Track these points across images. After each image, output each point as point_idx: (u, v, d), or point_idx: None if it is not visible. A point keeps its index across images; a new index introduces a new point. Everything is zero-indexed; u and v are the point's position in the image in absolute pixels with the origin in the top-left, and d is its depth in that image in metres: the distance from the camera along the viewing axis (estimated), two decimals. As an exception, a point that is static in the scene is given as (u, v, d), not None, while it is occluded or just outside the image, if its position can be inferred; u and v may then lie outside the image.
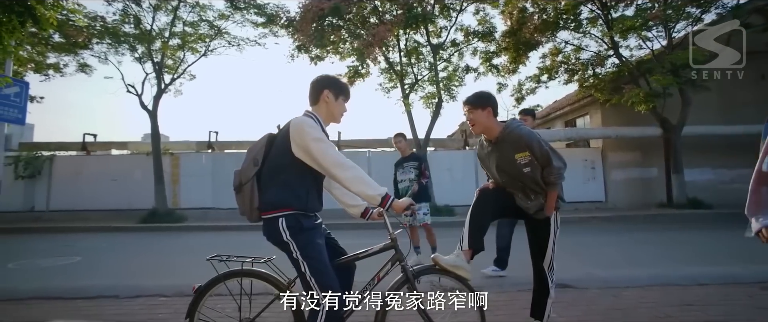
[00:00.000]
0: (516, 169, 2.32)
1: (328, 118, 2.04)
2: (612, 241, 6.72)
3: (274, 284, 2.03)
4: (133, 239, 8.30)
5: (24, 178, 11.66)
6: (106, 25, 11.30)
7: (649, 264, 4.54)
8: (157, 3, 11.39)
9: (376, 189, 1.80)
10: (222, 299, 2.11)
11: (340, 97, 2.03)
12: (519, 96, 14.09)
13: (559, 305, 3.04)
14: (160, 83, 11.48)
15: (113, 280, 3.96)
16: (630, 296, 3.25)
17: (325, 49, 12.34)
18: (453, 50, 12.45)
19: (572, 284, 3.54)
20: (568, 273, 3.84)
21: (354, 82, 12.58)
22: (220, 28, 11.82)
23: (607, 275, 3.83)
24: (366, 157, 13.13)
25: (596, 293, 3.35)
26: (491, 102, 2.37)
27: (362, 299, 2.01)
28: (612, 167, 12.78)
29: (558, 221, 2.46)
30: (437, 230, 4.72)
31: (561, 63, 13.29)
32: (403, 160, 4.93)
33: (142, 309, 3.08)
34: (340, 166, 1.79)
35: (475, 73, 12.66)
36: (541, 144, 2.30)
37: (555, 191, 2.38)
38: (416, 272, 2.08)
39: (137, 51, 11.59)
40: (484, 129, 2.37)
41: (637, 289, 3.43)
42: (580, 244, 6.42)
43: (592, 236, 7.25)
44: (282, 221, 1.82)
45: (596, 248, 5.99)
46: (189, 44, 11.84)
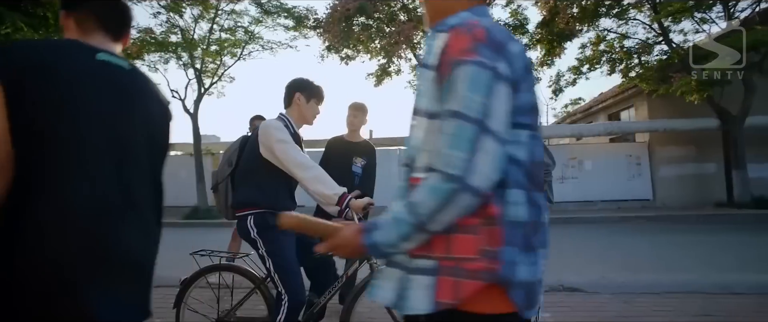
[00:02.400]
0: None
1: (300, 120, 2.11)
2: (649, 242, 6.22)
3: (250, 278, 2.13)
4: (173, 234, 8.95)
5: (88, 177, 12.97)
6: (155, 36, 12.28)
7: (681, 269, 4.16)
8: (199, 13, 12.18)
9: (333, 189, 1.83)
10: (208, 291, 2.25)
11: (311, 99, 2.09)
12: (556, 88, 13.44)
13: (560, 309, 2.91)
14: (200, 87, 12.27)
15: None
16: (643, 304, 3.02)
17: (356, 49, 12.51)
18: (483, 44, 12.14)
19: (581, 288, 3.35)
20: (580, 276, 3.64)
21: (383, 80, 12.66)
22: (253, 33, 12.41)
23: (624, 279, 3.57)
24: (396, 155, 13.15)
25: (606, 299, 3.14)
26: None
27: (330, 296, 2.06)
28: (660, 163, 11.79)
29: None
30: None
31: (603, 52, 12.47)
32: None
33: (161, 298, 3.34)
34: (299, 166, 1.84)
35: (506, 67, 12.25)
36: None
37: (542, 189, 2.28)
38: (384, 271, 2.08)
39: (181, 58, 12.47)
40: None
41: (655, 296, 3.17)
42: (608, 245, 6.04)
43: (627, 237, 6.76)
44: (250, 219, 1.91)
45: (624, 250, 5.58)
46: (227, 49, 12.55)
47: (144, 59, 12.39)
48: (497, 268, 0.67)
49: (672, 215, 9.69)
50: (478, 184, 0.65)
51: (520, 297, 0.69)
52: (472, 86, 0.66)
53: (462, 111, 0.66)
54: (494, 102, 0.67)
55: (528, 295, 0.70)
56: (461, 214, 0.67)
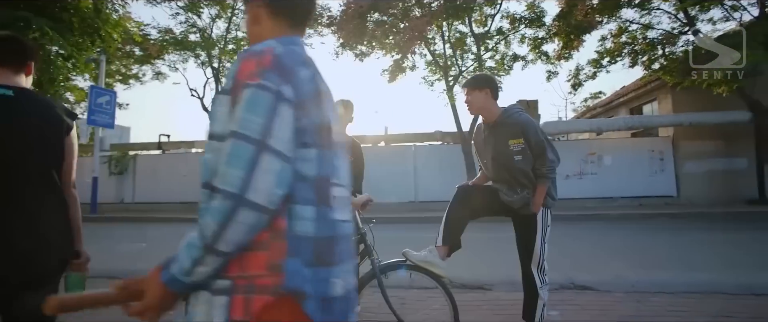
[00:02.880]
0: (507, 156, 2.23)
1: None
2: (669, 240, 6.01)
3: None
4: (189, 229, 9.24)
5: (115, 174, 13.51)
6: (175, 36, 12.64)
7: (702, 269, 4.01)
8: (217, 12, 12.46)
9: None
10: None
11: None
12: (575, 82, 13.11)
13: (569, 308, 2.87)
14: (217, 86, 12.55)
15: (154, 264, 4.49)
16: (657, 303, 2.93)
17: (370, 45, 12.52)
18: (499, 38, 11.92)
19: (593, 287, 3.28)
20: (592, 275, 3.57)
21: (397, 77, 12.63)
22: (270, 31, 12.59)
23: (638, 278, 3.47)
24: (411, 152, 13.11)
25: (618, 298, 3.06)
26: (490, 84, 2.32)
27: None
28: (685, 158, 11.35)
29: (548, 219, 2.31)
30: (484, 223, 4.51)
31: (625, 44, 12.07)
32: None
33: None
34: None
35: (523, 61, 11.99)
36: (537, 132, 2.22)
37: (544, 185, 2.24)
38: (384, 267, 2.09)
39: (200, 57, 12.79)
40: (481, 110, 2.32)
41: (670, 295, 3.07)
42: (626, 243, 5.88)
43: (647, 235, 6.56)
44: None
45: (643, 248, 5.42)
46: (243, 48, 12.82)
47: (164, 59, 12.80)
48: (281, 281, 0.68)
49: (697, 212, 9.33)
50: (259, 200, 0.66)
51: (313, 310, 0.69)
52: (252, 108, 0.69)
53: (240, 131, 0.68)
54: (275, 122, 0.69)
55: (325, 308, 0.71)
56: (249, 231, 0.67)
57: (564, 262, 4.56)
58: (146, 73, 13.90)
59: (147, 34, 11.88)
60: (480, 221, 2.58)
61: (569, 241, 6.24)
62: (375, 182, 12.00)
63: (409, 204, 11.61)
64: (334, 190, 0.78)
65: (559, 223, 8.25)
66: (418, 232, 2.28)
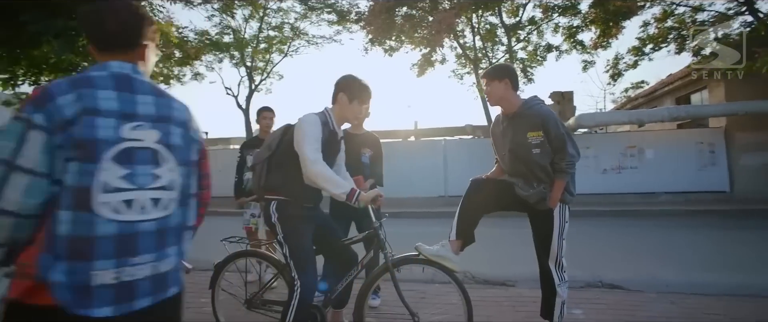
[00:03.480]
0: (525, 149, 2.17)
1: (340, 119, 2.14)
2: (716, 239, 5.60)
3: (274, 264, 2.28)
4: (226, 222, 9.67)
5: (158, 170, 14.38)
6: (210, 37, 13.19)
7: (749, 270, 3.71)
8: (249, 13, 12.88)
9: (341, 188, 1.88)
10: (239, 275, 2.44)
11: (354, 100, 2.09)
12: (614, 72, 12.42)
13: (594, 306, 2.77)
14: (250, 84, 13.00)
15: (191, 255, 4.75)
16: (692, 305, 2.76)
17: (399, 39, 12.47)
18: (531, 28, 11.48)
19: (622, 286, 3.13)
20: (622, 273, 3.41)
21: (426, 71, 12.51)
22: (299, 29, 12.86)
23: (674, 278, 3.27)
24: (441, 146, 12.97)
25: (649, 298, 2.91)
26: (509, 74, 2.26)
27: (346, 283, 2.14)
28: (740, 151, 10.45)
29: (566, 215, 2.23)
30: (513, 219, 4.41)
31: (670, 29, 11.26)
32: (261, 142, 3.32)
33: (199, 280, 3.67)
34: (312, 162, 1.89)
35: (557, 51, 11.48)
36: (558, 125, 2.15)
37: (563, 180, 2.17)
38: (396, 260, 2.11)
39: (234, 57, 13.29)
40: (500, 101, 2.27)
41: (708, 297, 2.88)
42: (665, 241, 5.55)
43: (691, 232, 6.14)
44: (273, 205, 2.01)
45: (684, 247, 5.09)
46: (275, 46, 13.16)
47: (201, 59, 13.40)
48: (35, 272, 0.88)
49: (752, 208, 8.59)
50: (9, 208, 0.85)
51: (61, 295, 0.87)
52: (5, 135, 0.87)
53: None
54: (25, 145, 0.86)
55: (82, 295, 0.88)
56: (6, 230, 0.86)
57: (593, 259, 4.39)
58: (186, 74, 14.63)
59: (185, 37, 12.48)
60: (504, 216, 2.54)
61: (601, 238, 5.99)
62: (405, 177, 12.06)
63: (438, 198, 11.51)
64: (103, 196, 0.91)
65: (592, 219, 7.96)
66: (448, 227, 2.28)
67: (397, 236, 2.36)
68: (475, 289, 3.26)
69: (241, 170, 3.50)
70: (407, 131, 15.56)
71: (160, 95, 1.04)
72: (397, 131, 15.44)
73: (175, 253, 1.05)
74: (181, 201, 1.05)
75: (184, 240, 1.09)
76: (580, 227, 6.98)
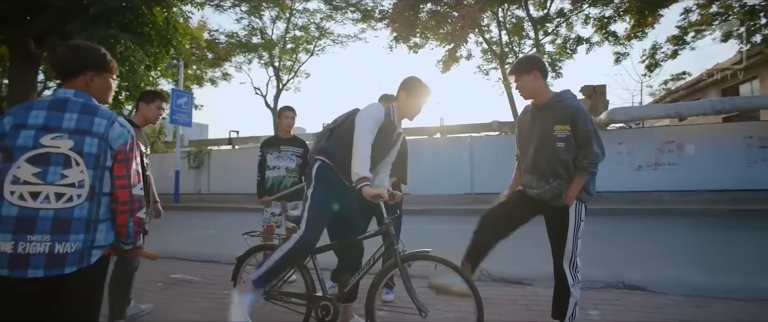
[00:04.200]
0: (550, 142, 2.15)
1: (401, 114, 2.32)
2: (758, 241, 5.24)
3: (290, 259, 2.39)
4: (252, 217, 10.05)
5: (193, 168, 15.10)
6: (240, 39, 13.69)
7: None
8: (276, 14, 13.25)
9: (360, 171, 2.00)
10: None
11: (413, 97, 2.27)
12: (651, 63, 11.79)
13: (612, 307, 2.71)
14: (278, 84, 13.38)
15: (219, 249, 5.01)
16: (720, 309, 2.63)
17: (425, 36, 12.42)
18: (560, 21, 11.09)
19: (645, 287, 3.03)
20: (647, 274, 3.30)
21: (450, 67, 12.39)
22: (325, 29, 13.09)
23: (703, 281, 3.12)
24: (467, 142, 12.82)
25: (673, 300, 2.80)
26: (536, 64, 2.25)
27: (358, 278, 2.22)
28: (794, 146, 9.67)
29: (582, 214, 2.19)
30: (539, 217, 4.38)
31: (716, 15, 10.56)
32: (281, 141, 3.60)
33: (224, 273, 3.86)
34: (357, 140, 2.06)
35: (587, 43, 11.02)
36: (587, 121, 2.12)
37: (582, 178, 2.14)
38: (406, 256, 2.15)
39: (263, 58, 13.73)
40: (534, 94, 2.25)
41: (739, 302, 2.74)
42: (700, 241, 5.27)
43: (732, 233, 5.78)
44: (317, 164, 2.23)
45: (719, 248, 4.81)
46: (301, 45, 13.48)
47: (231, 61, 13.96)
48: None
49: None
50: None
51: None
52: None
53: None
54: None
55: None
56: None
57: (617, 259, 4.25)
58: (217, 75, 15.28)
59: (216, 39, 13.02)
60: None
61: (629, 237, 5.77)
62: (430, 174, 12.03)
63: (465, 196, 11.41)
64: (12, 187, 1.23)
65: (623, 217, 7.65)
66: (474, 225, 2.32)
67: (423, 234, 2.41)
68: (491, 287, 3.26)
69: (262, 168, 3.59)
70: (433, 128, 15.45)
71: (85, 113, 1.36)
72: (422, 128, 15.37)
73: (81, 239, 1.29)
74: (89, 197, 1.31)
75: (96, 230, 1.34)
76: (608, 226, 6.75)
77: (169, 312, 2.83)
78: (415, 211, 9.60)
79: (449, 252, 2.18)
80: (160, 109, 2.79)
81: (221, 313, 2.78)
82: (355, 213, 2.33)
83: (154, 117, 2.77)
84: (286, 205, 3.52)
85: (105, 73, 1.52)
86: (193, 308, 2.90)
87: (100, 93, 1.51)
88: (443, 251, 2.15)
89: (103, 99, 1.54)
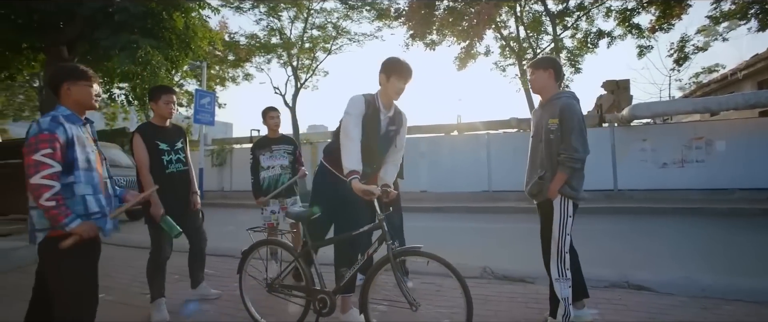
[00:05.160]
0: (545, 136, 2.29)
1: (385, 97, 2.39)
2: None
3: (289, 252, 2.50)
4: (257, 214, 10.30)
5: (216, 165, 15.63)
6: (259, 40, 14.01)
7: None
8: (295, 14, 13.48)
9: (349, 165, 2.11)
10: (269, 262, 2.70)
11: (391, 77, 2.33)
12: (680, 56, 11.28)
13: (612, 307, 2.69)
14: (296, 82, 13.62)
15: (235, 244, 5.19)
16: (728, 311, 2.56)
17: (442, 33, 12.34)
18: (580, 14, 10.76)
19: (651, 287, 2.97)
20: (655, 275, 3.23)
21: (466, 64, 12.27)
22: (342, 28, 13.22)
23: (715, 283, 3.01)
24: (485, 140, 12.70)
25: (679, 302, 2.74)
26: (554, 65, 2.39)
27: (351, 273, 2.29)
28: (836, 142, 9.06)
29: (568, 209, 2.21)
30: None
31: (752, 3, 9.99)
32: (271, 141, 3.69)
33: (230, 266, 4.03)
34: (344, 136, 2.20)
35: (609, 37, 10.64)
36: (572, 117, 2.21)
37: (562, 172, 2.19)
38: (398, 251, 2.20)
39: (282, 57, 14.00)
40: (541, 90, 2.40)
41: (751, 305, 2.65)
42: (721, 242, 5.07)
43: (759, 234, 5.51)
44: (317, 169, 2.50)
45: (742, 249, 4.62)
46: (319, 45, 13.66)
47: (252, 61, 14.30)
48: None
49: None
50: None
51: None
52: None
53: None
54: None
55: None
56: None
57: (627, 259, 4.17)
58: (239, 76, 15.71)
59: (237, 41, 13.38)
60: (529, 211, 2.54)
61: (643, 236, 5.62)
62: (448, 172, 12.01)
63: (482, 194, 11.32)
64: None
65: (643, 216, 7.40)
66: (491, 222, 2.38)
67: (440, 231, 2.46)
68: (493, 284, 3.27)
69: (255, 170, 3.63)
70: (450, 126, 15.37)
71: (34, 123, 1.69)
72: (439, 126, 15.32)
73: (31, 222, 1.78)
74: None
75: (32, 216, 1.78)
76: (626, 225, 6.57)
77: (182, 303, 3.00)
78: (432, 209, 9.62)
79: (468, 250, 2.22)
80: (169, 103, 2.88)
81: (231, 303, 2.94)
82: (355, 208, 2.41)
83: (166, 112, 2.87)
84: (284, 201, 3.63)
85: (80, 82, 1.79)
86: (205, 299, 3.07)
87: (81, 98, 1.80)
88: (460, 250, 2.21)
89: (86, 102, 1.82)
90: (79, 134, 1.76)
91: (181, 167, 2.90)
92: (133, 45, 5.24)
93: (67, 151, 1.69)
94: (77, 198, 1.70)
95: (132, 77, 5.59)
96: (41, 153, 1.61)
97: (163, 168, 2.79)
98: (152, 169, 2.75)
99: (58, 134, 1.66)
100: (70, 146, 1.70)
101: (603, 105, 12.05)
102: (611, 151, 10.22)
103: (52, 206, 1.60)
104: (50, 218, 1.62)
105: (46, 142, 1.62)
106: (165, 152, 2.82)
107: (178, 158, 2.89)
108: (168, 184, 2.72)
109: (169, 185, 2.75)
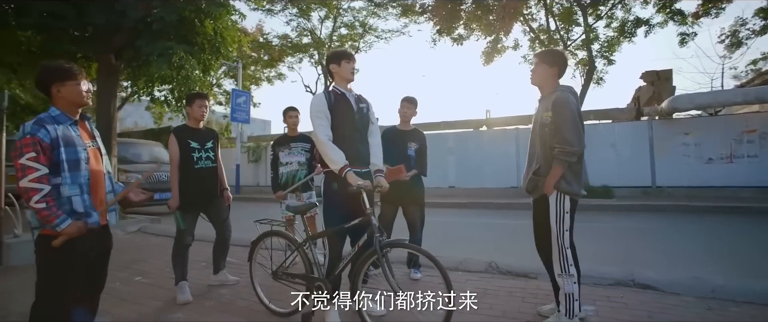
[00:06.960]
0: (541, 128, 2.30)
1: (342, 82, 2.51)
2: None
3: (292, 242, 2.70)
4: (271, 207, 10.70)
5: (252, 162, 16.40)
6: (291, 40, 14.54)
7: None
8: (325, 14, 13.86)
9: (334, 161, 2.25)
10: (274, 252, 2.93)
11: (341, 61, 2.48)
12: (734, 41, 10.41)
13: (611, 304, 2.67)
14: (326, 81, 13.99)
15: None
16: (734, 313, 2.45)
17: (469, 27, 12.18)
18: (615, 2, 10.20)
19: (657, 287, 2.89)
20: (663, 274, 3.13)
21: (492, 58, 12.03)
22: (369, 25, 13.42)
23: (728, 283, 2.87)
24: (514, 134, 12.42)
25: (683, 302, 2.66)
26: (560, 62, 2.37)
27: (343, 268, 2.44)
28: None
29: (565, 205, 2.21)
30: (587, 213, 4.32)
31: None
32: (290, 139, 3.92)
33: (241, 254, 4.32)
34: (315, 137, 2.34)
35: (647, 26, 9.99)
36: (563, 110, 2.19)
37: (557, 166, 2.18)
38: (384, 244, 2.32)
39: (313, 57, 14.45)
40: (540, 82, 2.40)
41: (764, 307, 2.53)
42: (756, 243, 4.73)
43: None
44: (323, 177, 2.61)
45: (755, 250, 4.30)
46: (347, 43, 13.96)
47: (284, 61, 14.88)
48: None
49: None
50: None
51: None
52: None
53: None
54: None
55: None
56: None
57: (640, 257, 4.03)
58: (273, 75, 16.38)
59: (270, 42, 13.96)
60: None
61: (669, 235, 5.37)
62: (476, 167, 11.90)
63: (511, 189, 11.13)
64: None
65: (681, 215, 7.01)
66: (520, 219, 2.48)
67: (455, 226, 2.55)
68: (496, 279, 3.32)
69: (275, 166, 3.90)
70: (479, 121, 15.13)
71: (22, 127, 1.72)
72: (468, 121, 15.12)
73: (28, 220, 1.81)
74: None
75: (27, 214, 1.79)
76: (656, 222, 6.27)
77: (204, 287, 3.32)
78: (458, 204, 9.60)
79: (479, 246, 2.29)
80: (202, 108, 3.25)
81: (247, 289, 3.19)
82: (349, 202, 2.56)
83: (199, 115, 3.24)
84: (301, 196, 3.86)
85: (68, 82, 1.80)
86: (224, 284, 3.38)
87: (71, 97, 1.81)
88: (472, 245, 2.28)
89: (77, 101, 1.83)
90: (67, 134, 1.78)
91: (209, 164, 3.22)
92: (169, 51, 5.69)
93: (52, 153, 1.71)
94: (64, 199, 1.74)
95: (169, 80, 6.10)
96: (26, 157, 1.65)
97: (192, 164, 3.12)
98: (183, 164, 3.11)
99: (39, 137, 1.68)
100: (56, 148, 1.72)
101: (641, 97, 11.37)
102: (649, 145, 9.66)
103: (42, 208, 1.65)
104: (42, 219, 1.68)
105: (29, 145, 1.66)
106: (195, 150, 3.15)
107: (207, 156, 3.21)
108: (196, 178, 3.12)
109: (197, 179, 3.13)
